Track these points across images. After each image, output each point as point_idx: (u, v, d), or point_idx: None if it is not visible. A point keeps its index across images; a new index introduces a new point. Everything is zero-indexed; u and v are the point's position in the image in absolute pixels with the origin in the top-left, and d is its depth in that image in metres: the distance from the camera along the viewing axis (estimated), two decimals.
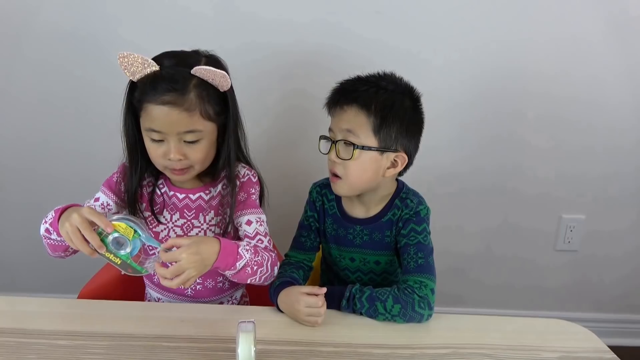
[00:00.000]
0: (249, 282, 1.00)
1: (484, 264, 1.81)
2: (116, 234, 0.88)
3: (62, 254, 1.00)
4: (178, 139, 0.96)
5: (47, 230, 0.96)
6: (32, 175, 1.65)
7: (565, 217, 1.74)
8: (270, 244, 1.07)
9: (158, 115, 0.93)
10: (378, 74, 1.08)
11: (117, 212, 0.89)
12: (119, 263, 0.89)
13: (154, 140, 0.97)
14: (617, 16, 1.49)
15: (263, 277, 1.01)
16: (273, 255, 1.04)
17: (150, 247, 0.96)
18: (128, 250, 0.89)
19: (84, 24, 1.49)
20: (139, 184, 1.05)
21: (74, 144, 1.61)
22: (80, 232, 0.86)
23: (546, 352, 0.93)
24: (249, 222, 1.06)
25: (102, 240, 0.88)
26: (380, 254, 1.13)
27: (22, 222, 1.69)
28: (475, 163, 1.67)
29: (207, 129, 0.98)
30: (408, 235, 1.06)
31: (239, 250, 0.95)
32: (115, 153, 1.07)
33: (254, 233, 1.05)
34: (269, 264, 1.01)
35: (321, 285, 1.01)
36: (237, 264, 0.95)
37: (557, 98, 1.59)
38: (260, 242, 1.05)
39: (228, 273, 0.96)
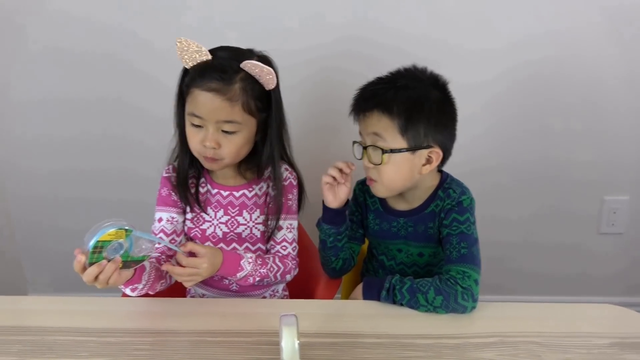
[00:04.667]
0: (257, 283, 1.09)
1: (524, 252, 1.78)
2: (109, 245, 0.87)
3: (158, 289, 1.04)
4: (216, 127, 0.98)
5: (132, 290, 1.00)
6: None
7: (608, 199, 1.69)
8: (294, 251, 1.12)
9: (202, 101, 0.96)
10: (398, 70, 1.06)
11: (95, 229, 0.88)
12: (121, 267, 0.90)
13: (194, 125, 1.00)
14: None
15: (272, 283, 1.11)
16: (290, 264, 1.11)
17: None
18: (125, 248, 0.89)
19: (125, 50, 1.54)
20: (189, 167, 1.08)
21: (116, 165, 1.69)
22: (92, 276, 0.88)
23: (598, 338, 0.90)
24: (279, 228, 1.10)
25: (99, 256, 0.87)
26: (424, 245, 1.11)
27: (67, 227, 1.77)
28: (512, 151, 1.64)
29: (246, 123, 0.99)
30: (450, 225, 1.04)
31: (241, 262, 1.04)
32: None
33: (280, 239, 1.12)
34: (277, 274, 1.09)
35: (363, 274, 1.01)
36: (238, 274, 1.04)
37: (595, 82, 1.55)
38: (283, 248, 1.11)
39: (230, 279, 1.07)
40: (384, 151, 1.00)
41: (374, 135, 1.01)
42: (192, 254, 0.99)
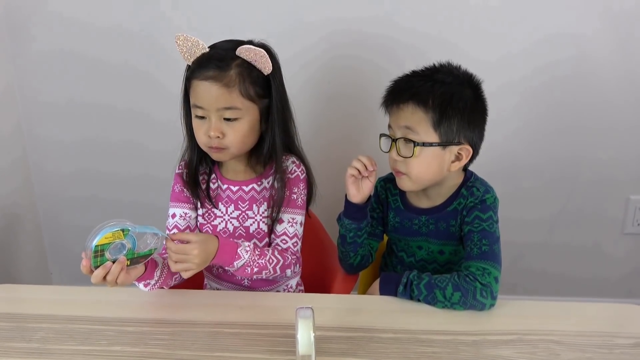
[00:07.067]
0: (256, 278, 1.07)
1: (547, 251, 1.74)
2: (110, 246, 0.87)
3: (171, 284, 1.05)
4: (218, 116, 0.99)
5: (145, 285, 1.00)
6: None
7: (634, 198, 1.65)
8: (294, 247, 1.10)
9: (201, 90, 0.98)
10: (434, 65, 1.05)
11: (94, 231, 0.87)
12: (129, 264, 0.90)
13: (198, 117, 1.01)
14: None
15: (271, 277, 1.07)
16: (289, 258, 1.08)
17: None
18: (128, 247, 0.88)
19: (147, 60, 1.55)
20: (200, 163, 1.09)
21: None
22: (99, 278, 0.88)
23: (620, 338, 0.88)
24: (280, 221, 1.09)
25: (103, 259, 0.88)
26: (445, 243, 1.10)
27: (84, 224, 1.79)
28: (535, 151, 1.62)
29: (247, 109, 1.00)
30: (472, 222, 1.03)
31: (238, 250, 1.01)
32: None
33: (281, 232, 1.09)
34: (276, 267, 1.05)
35: (382, 269, 1.00)
36: (235, 262, 1.00)
37: (618, 80, 1.52)
38: (283, 242, 1.09)
39: (228, 269, 1.03)
40: (415, 144, 1.00)
41: (405, 128, 1.01)
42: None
